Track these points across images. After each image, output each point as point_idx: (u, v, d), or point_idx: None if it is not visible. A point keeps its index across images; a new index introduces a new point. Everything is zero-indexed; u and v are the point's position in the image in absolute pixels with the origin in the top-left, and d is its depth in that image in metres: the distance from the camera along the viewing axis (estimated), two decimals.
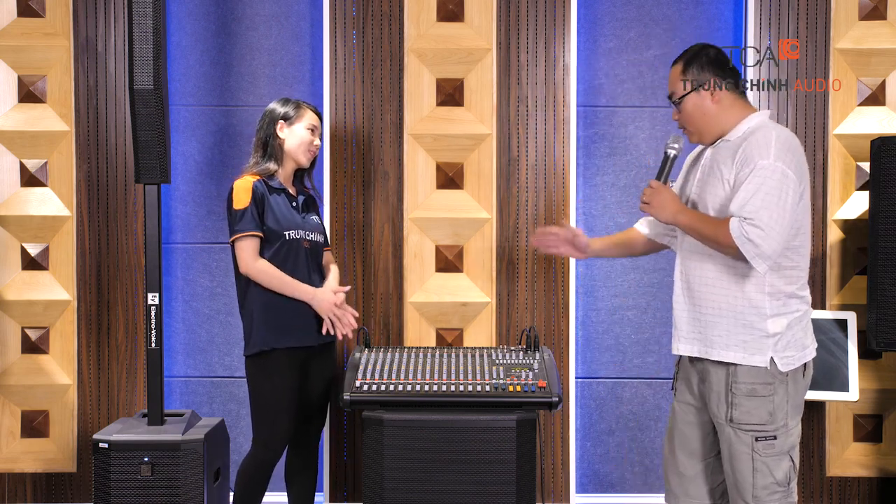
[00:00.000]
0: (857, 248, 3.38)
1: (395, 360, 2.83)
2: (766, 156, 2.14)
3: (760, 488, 2.20)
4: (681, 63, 2.34)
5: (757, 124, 2.26)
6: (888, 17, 3.38)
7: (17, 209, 3.42)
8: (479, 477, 2.60)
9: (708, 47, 2.35)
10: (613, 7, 3.48)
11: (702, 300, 2.27)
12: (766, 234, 2.10)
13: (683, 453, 2.38)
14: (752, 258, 2.12)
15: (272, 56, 3.48)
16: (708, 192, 2.27)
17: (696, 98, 2.30)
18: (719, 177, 2.23)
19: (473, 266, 3.43)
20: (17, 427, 3.44)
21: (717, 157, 2.28)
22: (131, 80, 2.84)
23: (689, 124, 2.34)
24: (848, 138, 3.38)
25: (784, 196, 2.13)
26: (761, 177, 2.12)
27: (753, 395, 2.19)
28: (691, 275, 2.30)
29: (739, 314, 2.21)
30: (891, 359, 3.39)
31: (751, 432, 2.19)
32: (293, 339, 2.72)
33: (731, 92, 2.31)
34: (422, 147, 3.42)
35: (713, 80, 2.29)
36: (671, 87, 2.37)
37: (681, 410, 2.40)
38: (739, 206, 2.14)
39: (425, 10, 3.41)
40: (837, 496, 3.43)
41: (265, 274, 2.68)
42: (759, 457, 2.19)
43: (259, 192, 2.71)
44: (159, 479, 2.79)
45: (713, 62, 2.31)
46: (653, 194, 2.31)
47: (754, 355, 2.19)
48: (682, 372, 2.40)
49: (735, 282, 2.22)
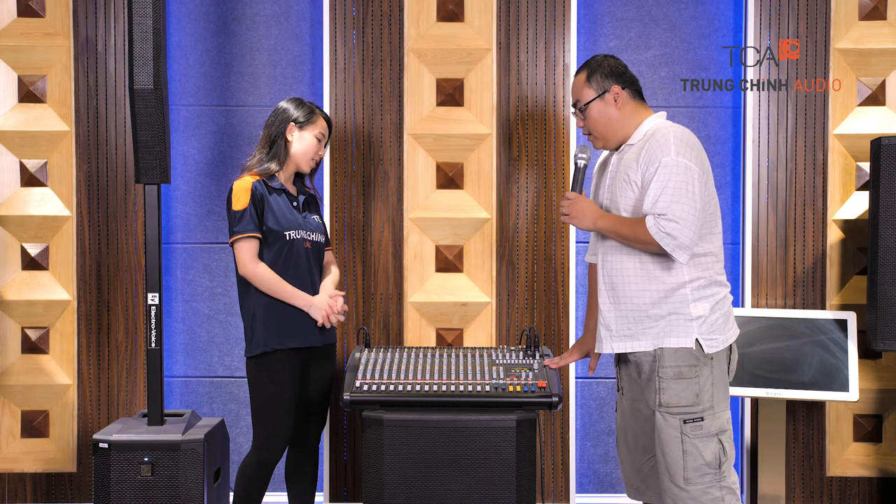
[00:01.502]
0: (857, 248, 3.38)
1: (395, 360, 2.83)
2: (668, 153, 2.25)
3: (691, 470, 2.26)
4: (584, 72, 2.45)
5: (655, 126, 2.37)
6: (888, 17, 3.38)
7: (17, 209, 3.42)
8: (479, 477, 2.60)
9: (609, 57, 2.47)
10: (613, 7, 3.48)
11: (626, 297, 2.35)
12: (682, 225, 2.21)
13: (637, 450, 2.46)
14: (673, 250, 2.23)
15: (272, 56, 3.48)
16: (618, 195, 2.37)
17: (601, 104, 2.41)
18: (627, 180, 2.34)
19: (473, 266, 3.43)
20: (17, 427, 3.44)
21: (622, 162, 2.39)
22: (131, 80, 2.84)
23: (595, 130, 2.44)
24: (848, 138, 3.38)
25: (691, 188, 2.24)
26: (666, 173, 2.24)
27: (680, 377, 2.27)
28: (614, 275, 2.37)
29: (661, 302, 2.30)
30: (891, 359, 3.39)
31: (678, 415, 2.27)
32: (295, 340, 2.72)
33: (631, 98, 2.42)
34: (422, 147, 3.42)
35: (616, 86, 2.40)
36: (576, 95, 2.47)
37: (629, 408, 2.47)
38: (651, 204, 2.25)
39: (425, 10, 3.41)
40: (837, 496, 3.43)
41: (263, 279, 2.68)
42: (687, 439, 2.26)
43: (258, 193, 2.70)
44: (159, 479, 2.79)
45: (614, 71, 2.43)
46: (571, 205, 2.41)
47: (679, 338, 2.28)
48: (624, 371, 2.46)
49: (655, 275, 2.31)
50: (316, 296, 2.77)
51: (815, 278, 3.39)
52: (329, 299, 2.77)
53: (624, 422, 2.50)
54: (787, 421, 3.37)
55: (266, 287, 2.68)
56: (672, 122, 2.39)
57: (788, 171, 3.40)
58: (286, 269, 2.72)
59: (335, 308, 2.78)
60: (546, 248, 3.42)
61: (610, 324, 2.39)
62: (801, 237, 3.40)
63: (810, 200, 3.40)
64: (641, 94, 2.46)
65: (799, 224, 3.41)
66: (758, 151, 3.40)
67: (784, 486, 3.22)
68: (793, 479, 3.42)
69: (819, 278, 3.39)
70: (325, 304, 2.75)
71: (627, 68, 2.47)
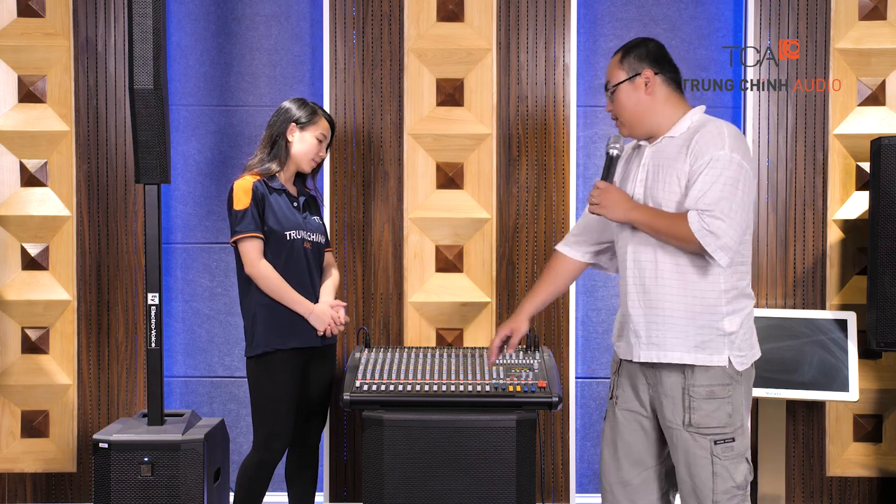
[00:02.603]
0: (857, 248, 3.38)
1: (395, 360, 2.83)
2: (722, 146, 2.10)
3: (721, 493, 2.14)
4: (620, 52, 2.29)
5: (701, 119, 2.23)
6: (888, 17, 3.38)
7: (17, 209, 3.42)
8: (479, 477, 2.60)
9: (649, 41, 2.30)
10: (613, 7, 3.48)
11: (658, 301, 2.18)
12: (727, 224, 2.06)
13: (629, 461, 2.29)
14: (714, 251, 2.06)
15: (272, 56, 3.48)
16: (659, 189, 2.20)
17: (630, 87, 2.24)
18: (671, 173, 2.18)
19: (473, 266, 3.43)
20: (17, 427, 3.44)
21: (664, 154, 2.22)
22: (131, 80, 2.84)
23: (621, 114, 2.28)
24: (848, 138, 3.38)
25: (742, 187, 2.10)
26: (718, 168, 2.09)
27: (712, 396, 2.14)
28: (646, 275, 2.21)
29: (697, 314, 2.15)
30: (891, 359, 3.39)
31: (710, 436, 2.13)
32: (296, 340, 2.72)
33: (667, 86, 2.26)
34: (422, 147, 3.42)
35: (649, 70, 2.24)
36: (608, 75, 2.30)
37: (624, 418, 2.30)
38: (696, 199, 2.09)
39: (425, 10, 3.41)
40: (837, 496, 3.43)
41: (266, 279, 2.68)
42: (718, 461, 2.14)
43: (259, 193, 2.70)
44: (159, 479, 2.79)
45: (651, 55, 2.26)
46: (601, 194, 2.22)
47: (713, 356, 2.14)
48: (627, 379, 2.30)
49: (690, 281, 2.15)
50: (316, 304, 2.77)
51: (815, 278, 3.39)
52: (331, 310, 2.77)
53: (615, 433, 2.32)
54: (787, 421, 3.37)
55: (267, 287, 2.68)
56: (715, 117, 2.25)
57: (788, 171, 3.40)
58: (286, 270, 2.72)
59: (338, 320, 2.78)
60: (546, 248, 3.42)
61: (639, 329, 2.21)
62: (801, 237, 3.40)
63: (810, 200, 3.40)
64: (680, 86, 2.29)
65: (799, 224, 3.41)
66: (758, 151, 3.40)
67: (784, 486, 3.22)
68: (793, 479, 3.42)
69: (819, 278, 3.39)
70: (327, 314, 2.75)
71: (668, 55, 2.29)
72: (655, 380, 2.22)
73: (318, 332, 2.74)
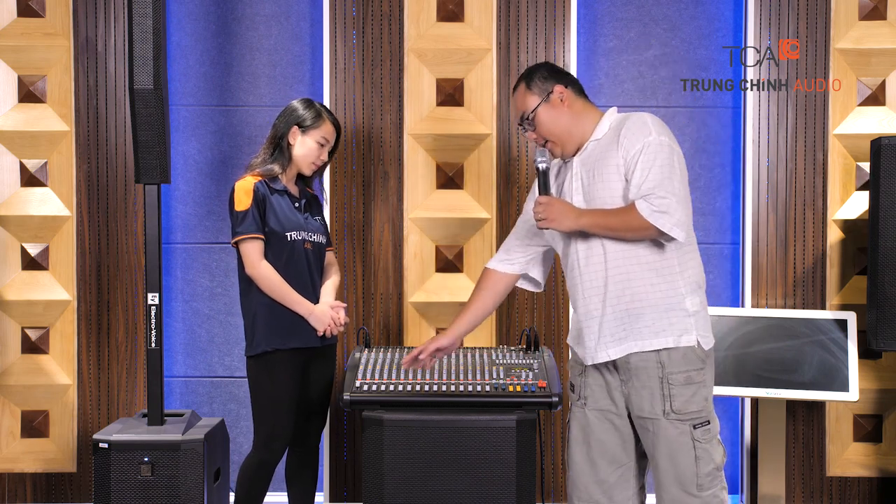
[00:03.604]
0: (857, 248, 3.38)
1: (395, 360, 2.83)
2: (649, 133, 2.16)
3: (704, 476, 2.18)
4: (522, 83, 2.33)
5: (619, 116, 2.28)
6: (888, 17, 3.38)
7: (17, 209, 3.42)
8: (479, 477, 2.60)
9: (541, 64, 2.37)
10: (613, 7, 3.48)
11: (618, 297, 2.20)
12: (675, 201, 2.11)
13: (604, 460, 2.29)
14: (671, 228, 2.10)
15: (272, 56, 3.48)
16: (599, 189, 2.23)
17: (548, 107, 2.29)
18: (608, 169, 2.21)
19: (473, 266, 3.43)
20: (17, 427, 3.44)
21: (594, 157, 2.26)
22: (131, 80, 2.84)
23: (550, 135, 2.30)
24: (848, 138, 3.38)
25: (677, 166, 2.16)
26: (652, 153, 2.14)
27: (689, 382, 2.18)
28: (601, 275, 2.22)
29: (659, 299, 2.19)
30: (891, 359, 3.39)
31: (688, 421, 2.17)
32: (297, 340, 2.72)
33: (577, 96, 2.32)
34: (422, 147, 3.42)
35: (558, 86, 2.29)
36: (520, 107, 2.33)
37: (595, 418, 2.29)
38: (638, 186, 2.14)
39: (425, 10, 3.41)
40: (837, 496, 3.43)
41: (267, 280, 2.68)
42: (699, 444, 2.18)
43: (260, 194, 2.70)
44: (159, 479, 2.79)
45: (553, 72, 2.32)
46: (546, 209, 2.22)
47: (682, 336, 2.18)
48: (595, 379, 2.29)
49: (646, 269, 2.19)
50: (317, 305, 2.77)
51: (815, 278, 3.39)
52: (331, 311, 2.77)
53: (585, 433, 2.31)
54: (787, 421, 3.37)
55: (269, 289, 2.68)
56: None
57: (788, 171, 3.40)
58: (286, 270, 2.72)
59: (338, 321, 2.78)
60: None
61: (604, 328, 2.22)
62: (801, 237, 3.40)
63: (810, 200, 3.40)
64: (584, 92, 2.35)
65: (799, 224, 3.41)
66: (758, 151, 3.40)
67: (784, 486, 3.22)
68: (793, 479, 3.42)
69: (819, 278, 3.39)
70: (327, 315, 2.75)
71: (563, 69, 2.38)
72: (628, 374, 2.23)
73: (317, 332, 2.74)
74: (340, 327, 2.79)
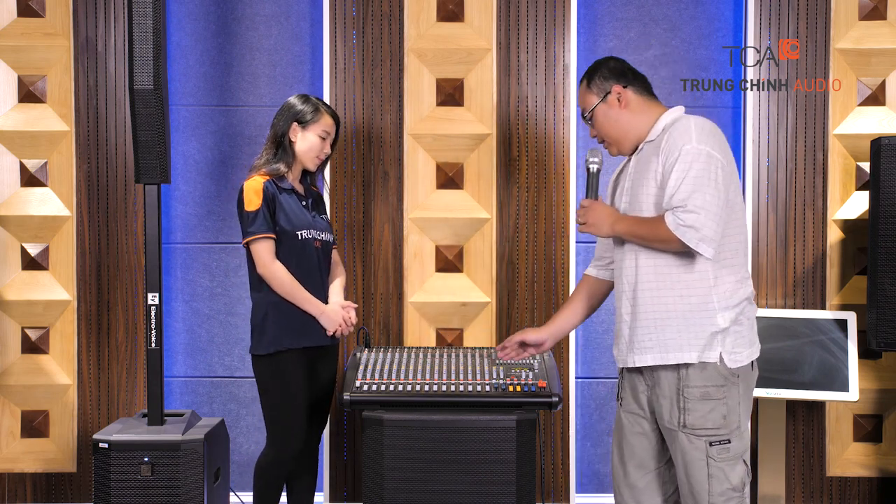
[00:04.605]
0: (857, 248, 3.38)
1: (395, 360, 2.83)
2: (689, 140, 2.11)
3: (717, 495, 2.13)
4: (585, 79, 2.34)
5: (673, 118, 2.24)
6: (888, 17, 3.38)
7: (17, 209, 3.42)
8: (479, 477, 2.60)
9: (608, 59, 2.36)
10: (613, 7, 3.48)
11: (644, 304, 2.19)
12: (703, 216, 2.06)
13: (632, 464, 2.29)
14: (696, 244, 2.06)
15: (272, 56, 3.48)
16: (640, 192, 2.22)
17: (605, 108, 2.29)
18: (649, 174, 2.19)
19: (473, 266, 3.43)
20: (17, 427, 3.44)
21: (641, 160, 2.25)
22: (131, 80, 2.84)
23: (606, 135, 2.31)
24: (848, 138, 3.38)
25: (714, 176, 2.09)
26: (687, 161, 2.09)
27: (707, 398, 2.12)
28: (634, 281, 2.21)
29: (686, 313, 2.14)
30: (891, 359, 3.39)
31: (705, 437, 2.12)
32: (308, 339, 2.72)
33: (638, 95, 2.30)
34: (422, 147, 3.42)
35: (617, 86, 2.28)
36: (582, 104, 2.35)
37: (627, 421, 2.30)
38: (669, 196, 2.10)
39: (425, 10, 3.41)
40: (837, 496, 3.43)
41: (279, 279, 2.68)
42: (714, 462, 2.13)
43: (270, 193, 2.70)
44: (159, 479, 2.79)
45: (614, 71, 2.31)
46: (586, 212, 2.26)
47: (704, 351, 2.13)
48: (628, 381, 2.30)
49: (679, 278, 2.15)
50: (328, 305, 2.77)
51: (815, 278, 3.39)
52: (342, 311, 2.77)
53: (619, 435, 2.33)
54: (787, 421, 3.37)
55: (280, 289, 2.68)
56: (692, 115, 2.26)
57: (788, 171, 3.40)
58: (297, 269, 2.72)
59: (348, 321, 2.78)
60: (546, 248, 3.42)
61: (629, 334, 2.22)
62: (801, 237, 3.40)
63: (810, 200, 3.40)
64: (651, 91, 2.33)
65: (799, 224, 3.41)
66: (758, 151, 3.40)
67: (784, 486, 3.22)
68: (793, 479, 3.42)
69: (819, 278, 3.39)
70: (339, 314, 2.76)
71: (629, 66, 2.34)
72: (653, 381, 2.21)
73: (328, 332, 2.74)
74: (350, 327, 2.79)
